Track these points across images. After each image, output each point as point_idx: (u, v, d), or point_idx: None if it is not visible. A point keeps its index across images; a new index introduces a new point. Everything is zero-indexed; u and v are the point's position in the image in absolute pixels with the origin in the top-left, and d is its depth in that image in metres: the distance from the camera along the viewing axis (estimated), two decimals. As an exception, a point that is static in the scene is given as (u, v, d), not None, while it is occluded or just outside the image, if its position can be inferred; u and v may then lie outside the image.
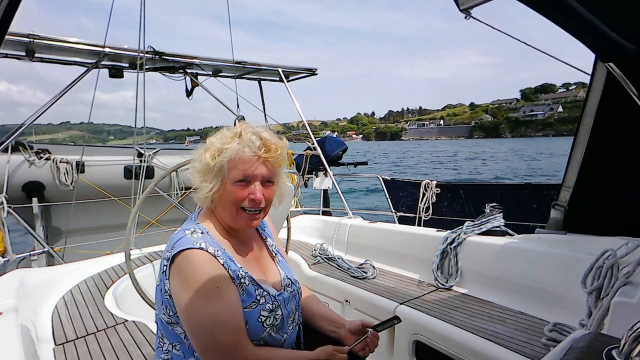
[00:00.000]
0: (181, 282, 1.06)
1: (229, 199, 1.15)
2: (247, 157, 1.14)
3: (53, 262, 4.34)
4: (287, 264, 1.39)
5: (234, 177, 1.14)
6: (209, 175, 1.16)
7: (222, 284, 1.07)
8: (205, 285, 1.04)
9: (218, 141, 1.17)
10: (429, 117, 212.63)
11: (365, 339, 1.24)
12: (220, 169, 1.15)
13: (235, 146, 1.14)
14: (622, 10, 1.28)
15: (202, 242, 1.09)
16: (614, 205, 2.23)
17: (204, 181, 1.17)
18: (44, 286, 2.40)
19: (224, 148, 1.15)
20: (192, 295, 1.04)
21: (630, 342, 0.62)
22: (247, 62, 5.11)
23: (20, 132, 4.15)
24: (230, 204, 1.16)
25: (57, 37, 3.86)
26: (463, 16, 1.81)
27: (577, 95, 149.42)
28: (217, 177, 1.16)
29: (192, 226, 1.16)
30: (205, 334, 1.05)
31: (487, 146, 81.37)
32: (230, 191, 1.15)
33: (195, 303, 1.03)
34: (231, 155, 1.14)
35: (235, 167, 1.14)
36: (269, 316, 1.15)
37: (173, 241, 1.12)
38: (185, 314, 1.06)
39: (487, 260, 2.51)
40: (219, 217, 1.21)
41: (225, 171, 1.15)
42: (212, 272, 1.06)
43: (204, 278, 1.05)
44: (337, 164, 6.04)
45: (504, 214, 2.75)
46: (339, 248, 3.55)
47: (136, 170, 4.41)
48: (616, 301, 1.52)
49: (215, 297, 1.04)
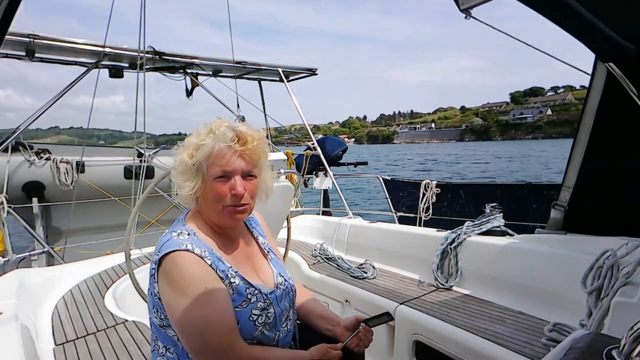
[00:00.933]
0: (169, 285, 1.06)
1: (211, 196, 1.14)
2: (223, 152, 1.12)
3: (53, 262, 4.34)
4: (281, 261, 1.38)
5: (213, 173, 1.13)
6: (188, 174, 1.15)
7: (210, 284, 1.06)
8: (194, 287, 1.04)
9: (194, 139, 1.16)
10: (420, 121, 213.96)
11: (357, 333, 1.24)
12: (199, 166, 1.14)
13: (210, 142, 1.12)
14: (622, 10, 1.28)
15: (188, 243, 1.08)
16: (614, 206, 2.23)
17: (185, 181, 1.15)
18: (44, 286, 2.40)
19: (200, 145, 1.13)
20: (180, 297, 1.03)
21: (630, 342, 0.62)
22: (247, 62, 5.11)
23: (19, 132, 4.15)
24: (213, 201, 1.14)
25: (57, 37, 3.86)
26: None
27: (565, 98, 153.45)
28: (197, 176, 1.15)
29: (179, 228, 1.15)
30: (197, 335, 1.04)
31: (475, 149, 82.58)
32: (211, 188, 1.13)
33: (184, 305, 1.03)
34: (208, 151, 1.12)
35: (213, 164, 1.13)
36: (261, 314, 1.14)
37: (160, 244, 1.11)
38: (175, 317, 1.05)
39: (487, 260, 2.51)
40: (206, 216, 1.20)
41: (204, 168, 1.14)
42: (200, 274, 1.06)
43: (192, 280, 1.04)
44: (337, 164, 6.05)
45: (504, 214, 2.75)
46: (339, 248, 3.55)
47: (136, 170, 4.41)
48: (616, 301, 1.52)
49: (204, 298, 1.04)
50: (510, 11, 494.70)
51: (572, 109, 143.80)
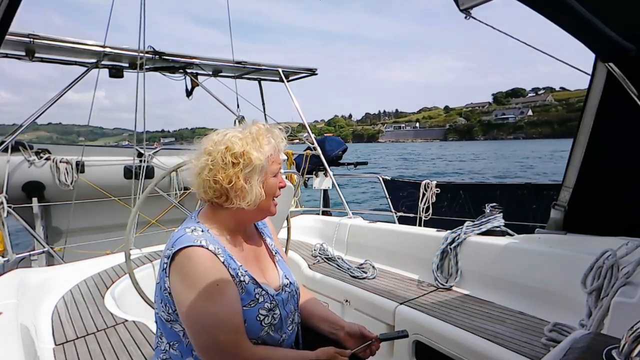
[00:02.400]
0: (182, 280, 1.06)
1: (270, 192, 1.23)
2: (277, 150, 1.24)
3: (53, 262, 4.34)
4: (286, 264, 1.39)
5: (274, 170, 1.23)
6: (254, 175, 1.17)
7: (222, 282, 1.07)
8: (206, 283, 1.04)
9: (248, 140, 1.18)
10: (405, 120, 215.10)
11: (370, 345, 1.25)
12: (262, 167, 1.19)
13: (273, 142, 1.22)
14: (622, 10, 1.28)
15: (202, 239, 1.09)
16: (614, 206, 2.23)
17: (250, 182, 1.16)
18: (44, 286, 2.40)
19: (262, 145, 1.19)
20: (192, 292, 1.04)
21: (630, 342, 0.62)
22: (247, 62, 5.11)
23: (20, 131, 4.15)
24: (269, 197, 1.23)
25: (57, 37, 3.86)
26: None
27: (545, 99, 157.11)
28: (261, 175, 1.19)
29: (192, 225, 1.16)
30: (205, 332, 1.05)
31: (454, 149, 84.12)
32: (271, 185, 1.23)
33: (195, 301, 1.04)
34: (270, 151, 1.20)
35: (275, 162, 1.23)
36: (268, 315, 1.15)
37: (173, 239, 1.12)
38: (185, 311, 1.06)
39: (487, 260, 2.51)
40: (237, 215, 1.20)
41: (266, 167, 1.20)
42: (213, 270, 1.07)
43: (205, 276, 1.05)
44: (337, 164, 6.04)
45: (504, 214, 2.75)
46: (339, 248, 3.55)
47: (136, 170, 4.41)
48: (616, 301, 1.52)
49: (215, 295, 1.05)
50: (510, 11, 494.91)
51: (552, 110, 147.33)
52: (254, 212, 1.23)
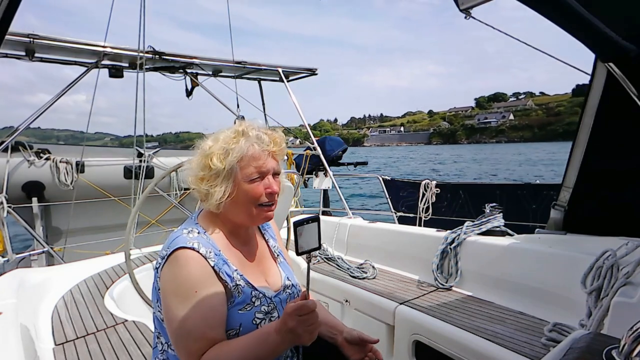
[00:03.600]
0: (167, 280, 1.08)
1: (246, 198, 1.15)
2: (258, 154, 1.14)
3: (53, 262, 4.34)
4: (289, 265, 1.38)
5: (248, 174, 1.14)
6: (218, 180, 1.14)
7: (202, 288, 1.05)
8: (185, 287, 1.05)
9: (219, 144, 1.15)
10: (390, 124, 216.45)
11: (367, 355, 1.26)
12: (230, 170, 1.13)
13: (243, 145, 1.13)
14: (622, 11, 1.28)
15: (195, 242, 1.09)
16: (614, 206, 2.23)
17: (214, 186, 1.14)
18: (44, 286, 2.40)
19: (229, 148, 1.13)
20: (171, 294, 1.06)
21: (630, 342, 0.62)
22: (247, 62, 5.11)
23: (20, 132, 4.15)
24: (247, 202, 1.15)
25: (57, 37, 3.86)
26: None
27: (526, 104, 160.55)
28: (227, 180, 1.14)
29: (190, 226, 1.16)
30: (173, 335, 1.07)
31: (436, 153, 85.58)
32: (246, 190, 1.14)
33: (171, 303, 1.05)
34: (241, 154, 1.13)
35: (248, 165, 1.14)
36: (265, 318, 1.15)
37: (170, 240, 1.12)
38: (163, 311, 1.10)
39: (487, 260, 2.52)
40: (227, 218, 1.20)
41: (236, 171, 1.14)
42: (196, 274, 1.06)
43: (186, 279, 1.05)
44: (337, 164, 6.05)
45: (504, 214, 2.75)
46: (339, 248, 3.55)
47: (136, 170, 4.41)
48: (616, 301, 1.52)
49: (189, 301, 1.04)
50: (510, 11, 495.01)
51: (532, 114, 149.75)
52: (243, 217, 1.18)
